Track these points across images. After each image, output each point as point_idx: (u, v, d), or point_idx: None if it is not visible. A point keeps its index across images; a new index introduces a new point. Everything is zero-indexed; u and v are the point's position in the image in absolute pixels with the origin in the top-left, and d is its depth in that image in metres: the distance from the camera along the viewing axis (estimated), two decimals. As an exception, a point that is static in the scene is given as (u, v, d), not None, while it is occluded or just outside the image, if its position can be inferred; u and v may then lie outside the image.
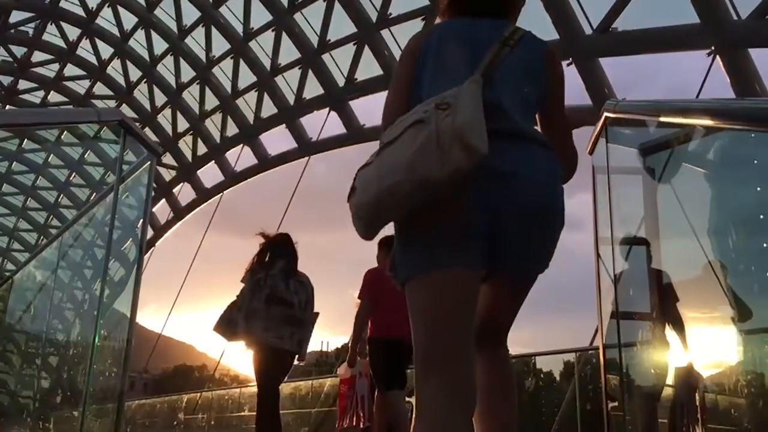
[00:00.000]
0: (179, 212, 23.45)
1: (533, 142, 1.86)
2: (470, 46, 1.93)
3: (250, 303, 5.01)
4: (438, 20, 2.11)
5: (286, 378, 5.61)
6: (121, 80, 21.61)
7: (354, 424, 5.31)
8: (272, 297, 5.02)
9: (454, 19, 2.06)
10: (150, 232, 25.11)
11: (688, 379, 3.33)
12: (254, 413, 5.29)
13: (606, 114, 2.49)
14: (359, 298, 5.36)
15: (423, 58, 1.97)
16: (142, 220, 3.28)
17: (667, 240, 3.26)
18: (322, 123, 16.97)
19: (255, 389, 5.26)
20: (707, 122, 2.13)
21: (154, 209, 24.69)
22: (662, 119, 2.37)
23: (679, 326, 3.31)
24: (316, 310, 5.37)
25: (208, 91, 19.37)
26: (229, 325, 5.05)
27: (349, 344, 5.41)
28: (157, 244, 25.04)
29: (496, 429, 1.90)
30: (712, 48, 9.28)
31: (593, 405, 8.72)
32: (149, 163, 3.43)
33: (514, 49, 1.91)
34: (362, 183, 1.77)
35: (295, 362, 5.20)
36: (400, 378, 5.24)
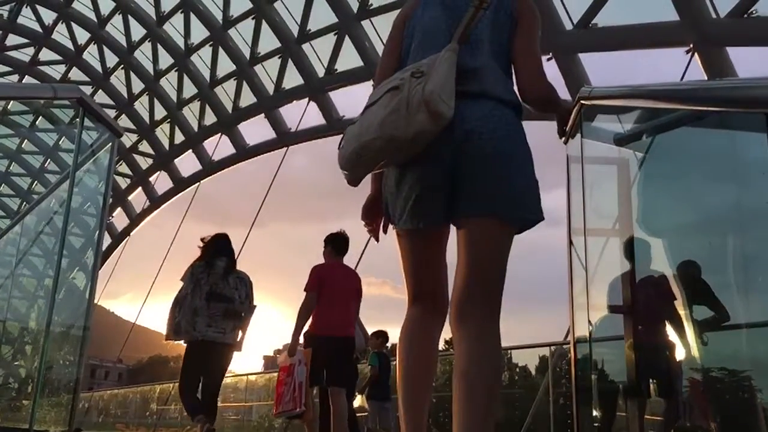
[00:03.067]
0: (155, 201, 23.19)
1: (497, 101, 2.01)
2: (450, 12, 2.10)
3: (192, 301, 5.25)
4: None
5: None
6: (97, 66, 21.27)
7: (291, 408, 5.52)
8: (212, 294, 5.30)
9: None
10: (125, 221, 24.86)
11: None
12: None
13: (581, 101, 2.44)
14: (305, 290, 5.59)
15: (411, 24, 2.18)
16: (102, 204, 3.17)
17: (641, 235, 3.23)
18: (301, 113, 16.88)
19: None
20: (685, 106, 2.10)
21: (129, 198, 24.44)
22: (639, 104, 2.34)
23: (677, 325, 3.30)
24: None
25: (186, 79, 19.13)
26: (179, 327, 5.24)
27: (292, 335, 5.61)
28: (132, 233, 24.78)
29: None
30: (691, 46, 9.32)
31: (566, 399, 8.75)
32: (110, 144, 3.30)
33: (488, 9, 2.06)
34: (346, 138, 2.03)
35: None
36: (339, 375, 5.52)
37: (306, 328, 5.56)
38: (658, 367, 3.35)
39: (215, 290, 5.32)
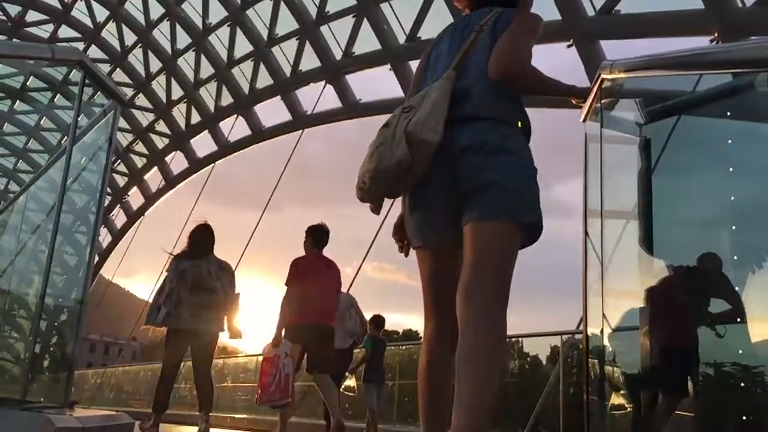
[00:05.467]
0: (171, 181, 23.25)
1: (492, 121, 2.09)
2: (455, 40, 2.24)
3: (178, 292, 5.43)
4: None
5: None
6: (116, 44, 21.26)
7: (278, 399, 5.76)
8: (196, 285, 5.46)
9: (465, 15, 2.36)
10: (140, 200, 24.95)
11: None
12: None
13: (602, 76, 2.33)
14: (286, 284, 5.86)
15: (432, 55, 2.33)
16: (102, 174, 3.11)
17: (661, 223, 3.13)
18: (318, 96, 16.78)
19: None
20: (719, 70, 1.98)
21: (145, 177, 24.52)
22: (668, 73, 2.23)
23: (697, 318, 3.21)
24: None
25: (203, 59, 19.07)
26: (158, 312, 5.45)
27: (276, 327, 5.86)
28: (147, 213, 24.89)
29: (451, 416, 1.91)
30: (716, 34, 9.12)
31: (577, 389, 8.67)
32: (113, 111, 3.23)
33: (484, 33, 2.17)
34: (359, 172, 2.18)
35: (230, 339, 5.82)
36: (321, 362, 5.80)
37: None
38: (675, 360, 3.26)
39: (198, 281, 5.48)
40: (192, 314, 5.41)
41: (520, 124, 2.15)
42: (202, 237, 5.73)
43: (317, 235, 6.18)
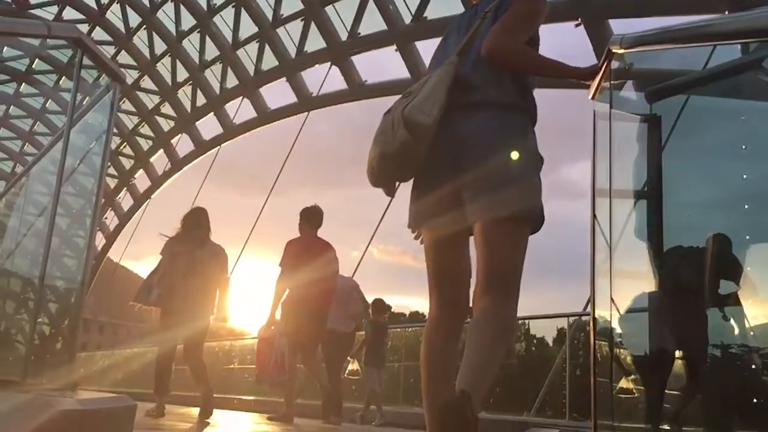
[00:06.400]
0: (177, 163, 23.24)
1: (497, 107, 2.11)
2: (465, 30, 2.24)
3: (170, 275, 5.53)
4: None
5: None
6: (120, 26, 21.18)
7: (275, 376, 6.01)
8: (189, 270, 5.51)
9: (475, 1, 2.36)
10: (147, 183, 24.98)
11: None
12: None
13: (612, 50, 2.27)
14: (280, 266, 6.03)
15: (443, 46, 2.33)
16: (102, 155, 3.07)
17: (669, 203, 3.08)
18: (323, 78, 16.69)
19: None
20: (734, 41, 1.92)
21: (151, 160, 24.52)
22: (680, 46, 2.17)
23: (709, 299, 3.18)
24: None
25: (208, 41, 18.98)
26: (149, 292, 5.64)
27: (270, 308, 6.08)
28: (154, 195, 24.92)
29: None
30: (726, 12, 8.98)
31: (583, 371, 8.66)
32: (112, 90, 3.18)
33: (487, 19, 2.18)
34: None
35: (215, 322, 5.95)
36: (311, 340, 6.04)
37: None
38: (683, 342, 3.23)
39: (191, 266, 5.53)
40: (184, 298, 5.47)
41: (525, 108, 2.15)
42: (196, 221, 5.78)
43: (311, 217, 6.29)
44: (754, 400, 3.04)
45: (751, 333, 3.19)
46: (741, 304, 3.03)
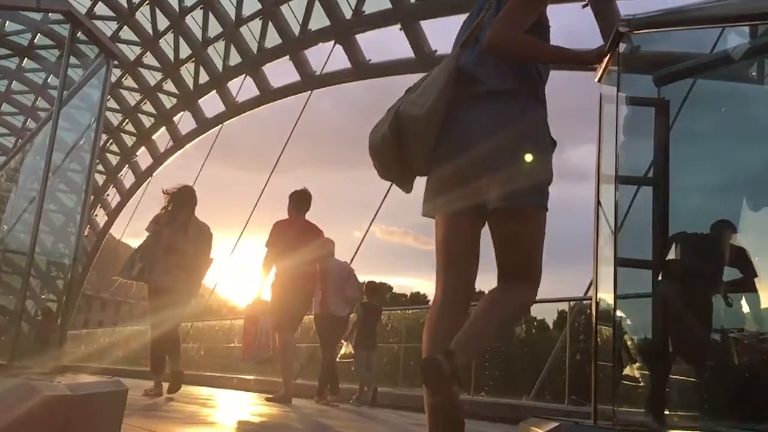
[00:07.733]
0: (179, 141, 23.14)
1: (501, 96, 2.10)
2: (472, 21, 2.23)
3: (152, 251, 5.61)
4: None
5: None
6: (122, 1, 20.96)
7: (259, 354, 6.11)
8: (170, 246, 5.60)
9: None
10: (149, 160, 24.88)
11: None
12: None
13: (621, 30, 2.19)
14: (266, 246, 6.15)
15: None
16: (94, 132, 3.01)
17: (677, 189, 3.02)
18: (327, 56, 16.53)
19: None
20: (748, 23, 1.85)
21: (153, 137, 24.41)
22: (693, 27, 2.10)
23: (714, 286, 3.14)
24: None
25: (211, 17, 18.78)
26: (132, 267, 5.67)
27: (257, 287, 6.23)
28: (155, 173, 24.83)
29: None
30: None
31: (584, 355, 8.66)
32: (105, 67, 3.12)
33: (491, 9, 2.17)
34: None
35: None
36: (293, 321, 6.20)
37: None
38: (687, 327, 3.19)
39: (172, 242, 5.61)
40: (163, 272, 5.57)
41: (534, 94, 2.14)
42: (182, 199, 5.83)
43: (299, 201, 6.34)
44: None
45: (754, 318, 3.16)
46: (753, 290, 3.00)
